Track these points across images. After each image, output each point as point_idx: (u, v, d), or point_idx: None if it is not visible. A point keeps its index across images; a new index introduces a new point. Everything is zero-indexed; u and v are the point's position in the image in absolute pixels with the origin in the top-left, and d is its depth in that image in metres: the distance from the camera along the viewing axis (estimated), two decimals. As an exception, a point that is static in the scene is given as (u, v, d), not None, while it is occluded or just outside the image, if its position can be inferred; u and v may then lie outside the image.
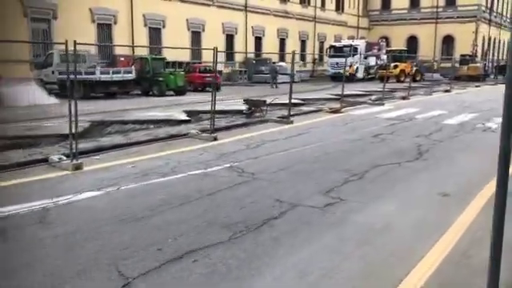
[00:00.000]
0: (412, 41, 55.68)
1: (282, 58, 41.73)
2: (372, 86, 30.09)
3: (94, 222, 5.09)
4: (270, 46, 40.36)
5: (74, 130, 7.46)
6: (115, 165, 7.75)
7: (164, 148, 9.28)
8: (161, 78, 21.83)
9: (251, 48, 38.60)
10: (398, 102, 19.91)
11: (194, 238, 4.70)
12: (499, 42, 61.06)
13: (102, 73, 19.64)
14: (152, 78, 21.93)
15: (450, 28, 53.13)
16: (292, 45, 43.49)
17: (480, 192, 6.46)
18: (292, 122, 12.74)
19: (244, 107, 14.14)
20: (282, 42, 43.03)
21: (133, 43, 28.12)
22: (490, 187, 6.70)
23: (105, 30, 27.49)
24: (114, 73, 20.01)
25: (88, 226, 5.00)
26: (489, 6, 54.86)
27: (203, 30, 34.07)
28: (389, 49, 41.29)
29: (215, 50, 10.62)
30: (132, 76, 20.57)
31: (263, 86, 32.77)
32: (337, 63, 39.33)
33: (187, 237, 4.72)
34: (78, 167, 7.25)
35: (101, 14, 27.05)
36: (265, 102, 13.89)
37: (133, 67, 21.19)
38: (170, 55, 28.67)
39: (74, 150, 7.42)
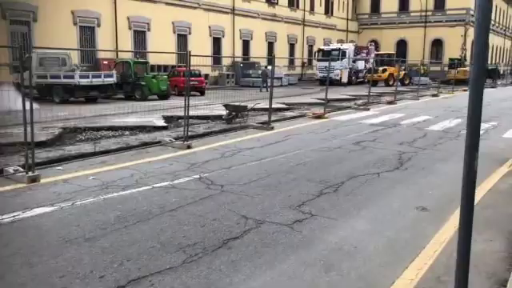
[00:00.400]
0: (401, 44, 55.68)
1: (270, 62, 41.49)
2: (360, 91, 29.85)
3: (36, 244, 4.64)
4: (258, 50, 40.07)
5: (29, 139, 6.98)
6: (76, 176, 7.29)
7: (133, 157, 8.83)
8: (143, 82, 21.35)
9: (239, 51, 38.24)
10: (384, 106, 19.61)
11: (143, 262, 4.27)
12: (488, 46, 61.12)
13: (81, 77, 19.11)
14: (134, 82, 21.45)
15: (439, 32, 53.21)
16: (280, 48, 43.27)
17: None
18: (272, 128, 12.35)
19: (224, 112, 13.73)
20: (271, 46, 42.69)
21: (116, 47, 27.61)
22: (471, 201, 6.35)
23: (87, 32, 26.94)
24: (93, 77, 19.49)
25: (28, 248, 4.54)
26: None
27: (189, 33, 33.63)
28: (377, 52, 41.04)
29: (188, 54, 10.17)
30: (113, 80, 20.06)
31: (251, 89, 32.40)
32: (325, 67, 38.98)
33: (135, 261, 4.29)
34: (34, 179, 6.78)
35: (83, 16, 26.50)
36: (245, 107, 13.48)
37: (114, 71, 20.67)
38: (156, 59, 28.30)
39: (30, 161, 6.94)
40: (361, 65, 41.23)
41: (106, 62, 25.45)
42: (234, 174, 7.62)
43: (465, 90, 31.40)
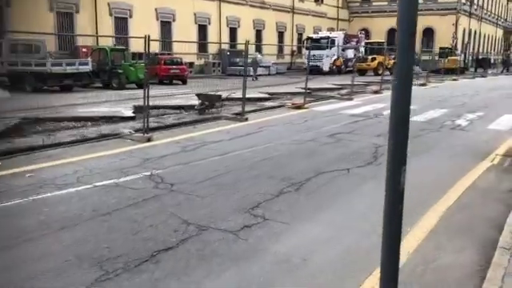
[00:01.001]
0: (392, 33, 54.90)
1: (258, 50, 40.63)
2: (348, 80, 29.07)
3: None
4: (245, 38, 38.70)
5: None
6: (13, 173, 6.58)
7: (86, 151, 8.11)
8: (120, 71, 20.50)
9: (226, 39, 37.32)
10: (368, 96, 18.95)
11: (48, 281, 3.60)
12: (479, 34, 60.65)
13: (53, 64, 18.25)
14: (111, 70, 20.60)
15: (430, 20, 52.39)
16: (269, 36, 42.36)
17: (433, 207, 5.49)
18: (246, 120, 11.66)
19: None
20: (259, 34, 41.79)
21: (97, 33, 26.65)
22: (445, 201, 5.73)
23: (66, 19, 25.93)
24: (67, 65, 18.64)
25: None
26: (469, -2, 54.35)
27: (173, 20, 32.65)
28: (367, 41, 40.28)
29: (147, 39, 9.39)
30: (88, 68, 19.21)
31: (238, 78, 31.60)
32: (314, 55, 38.34)
33: (40, 279, 3.62)
34: (-40, 177, 6.07)
35: (61, 2, 25.48)
36: (219, 97, 12.77)
37: (89, 59, 19.81)
38: (138, 46, 27.37)
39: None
40: (350, 53, 40.46)
41: (84, 50, 24.52)
42: (190, 170, 6.94)
43: (454, 80, 30.84)
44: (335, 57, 38.94)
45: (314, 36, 39.77)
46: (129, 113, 12.08)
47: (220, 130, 10.37)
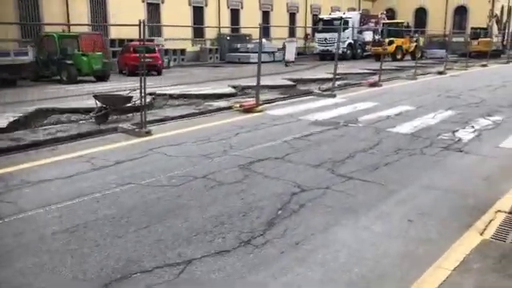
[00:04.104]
0: (420, 13, 49.91)
1: (265, 34, 36.94)
2: (358, 67, 25.32)
3: None
4: (249, 21, 35.25)
5: None
6: None
7: None
8: (70, 61, 17.46)
9: (226, 23, 33.81)
10: (362, 90, 15.14)
11: None
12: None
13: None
14: (60, 60, 17.60)
15: (462, -3, 47.19)
16: (278, 18, 38.61)
17: None
18: (148, 134, 8.21)
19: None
20: (266, 16, 38.04)
21: (68, 19, 23.68)
22: None
23: (28, 1, 23.02)
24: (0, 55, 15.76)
25: None
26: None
27: (162, 2, 29.38)
28: (384, 21, 35.79)
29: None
30: (28, 59, 16.29)
31: (238, 66, 28.21)
32: (325, 39, 34.36)
33: None
34: None
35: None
36: (128, 98, 9.41)
37: (28, 47, 16.85)
38: (117, 32, 24.35)
39: None
40: (368, 36, 36.11)
41: (49, 37, 21.64)
42: None
43: (483, 65, 26.32)
44: (350, 40, 34.79)
45: (325, 17, 35.70)
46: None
47: (90, 154, 7.05)
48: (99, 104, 9.12)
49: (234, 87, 14.92)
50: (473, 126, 9.06)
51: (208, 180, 5.79)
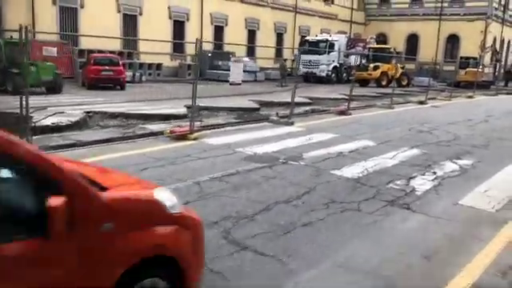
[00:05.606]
0: (412, 39, 49.03)
1: (249, 53, 35.79)
2: (341, 90, 23.90)
3: None
4: (234, 38, 34.11)
5: None
6: None
7: None
8: (16, 70, 15.95)
9: (209, 39, 32.54)
10: (326, 118, 13.71)
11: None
12: (514, 44, 53.80)
13: None
14: (6, 69, 16.13)
15: (455, 26, 46.39)
16: (264, 38, 37.40)
17: None
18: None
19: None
20: (252, 34, 36.87)
21: (33, 26, 22.26)
22: None
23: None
24: None
25: None
26: (502, 2, 47.86)
27: (140, 14, 28.14)
28: (370, 46, 34.69)
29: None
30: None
31: (218, 84, 26.80)
32: (310, 61, 33.16)
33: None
34: None
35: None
36: (19, 118, 7.86)
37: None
38: (90, 43, 22.99)
39: None
40: (354, 60, 34.96)
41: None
42: None
43: (469, 97, 25.11)
44: (335, 63, 33.62)
45: (311, 39, 34.60)
46: None
47: None
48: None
49: (188, 107, 13.45)
50: (434, 172, 7.60)
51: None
